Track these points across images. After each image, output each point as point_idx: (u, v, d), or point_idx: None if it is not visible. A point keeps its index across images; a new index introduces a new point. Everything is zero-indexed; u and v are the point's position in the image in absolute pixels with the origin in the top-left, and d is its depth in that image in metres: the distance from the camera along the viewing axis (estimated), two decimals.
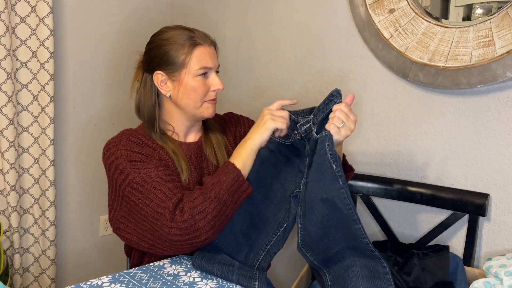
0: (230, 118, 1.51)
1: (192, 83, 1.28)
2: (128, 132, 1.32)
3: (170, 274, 1.16)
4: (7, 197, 1.87)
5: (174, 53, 1.28)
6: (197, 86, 1.29)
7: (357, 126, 1.64)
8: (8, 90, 1.79)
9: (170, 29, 1.33)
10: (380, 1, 1.50)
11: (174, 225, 1.12)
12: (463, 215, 1.39)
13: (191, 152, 1.36)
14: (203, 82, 1.29)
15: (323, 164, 1.10)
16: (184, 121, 1.35)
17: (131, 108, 1.42)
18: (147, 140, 1.30)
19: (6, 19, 1.75)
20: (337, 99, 1.17)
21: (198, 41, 1.29)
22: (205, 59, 1.29)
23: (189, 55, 1.28)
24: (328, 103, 1.19)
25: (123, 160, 1.23)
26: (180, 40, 1.28)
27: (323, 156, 1.10)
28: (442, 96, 1.43)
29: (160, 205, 1.15)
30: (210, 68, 1.30)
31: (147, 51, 1.35)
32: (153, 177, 1.20)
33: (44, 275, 2.03)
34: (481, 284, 1.07)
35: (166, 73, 1.30)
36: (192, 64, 1.28)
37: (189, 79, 1.28)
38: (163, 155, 1.29)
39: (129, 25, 2.21)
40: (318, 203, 1.14)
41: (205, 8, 2.16)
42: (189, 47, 1.28)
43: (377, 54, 1.54)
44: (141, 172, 1.20)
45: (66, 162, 2.10)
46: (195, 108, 1.31)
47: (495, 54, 1.26)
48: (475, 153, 1.38)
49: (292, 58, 1.82)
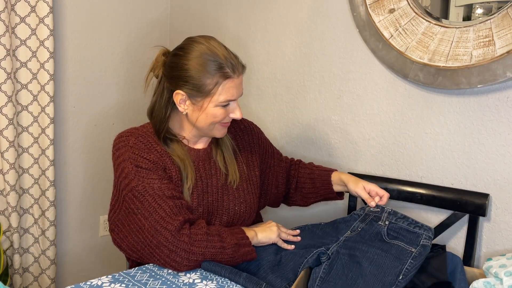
0: (238, 123, 1.49)
1: (213, 111, 1.25)
2: (138, 131, 1.30)
3: (169, 274, 1.16)
4: (7, 197, 1.87)
5: (201, 81, 1.22)
6: (218, 114, 1.26)
7: (357, 126, 1.65)
8: (8, 90, 1.79)
9: (201, 46, 1.24)
10: (380, 1, 1.50)
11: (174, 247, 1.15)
12: (463, 215, 1.38)
13: (199, 158, 1.34)
14: (224, 110, 1.26)
15: (392, 261, 1.16)
16: (195, 133, 1.34)
17: (131, 108, 1.42)
18: (156, 144, 1.28)
19: (6, 19, 1.75)
20: None
21: (229, 74, 1.22)
22: (232, 92, 1.24)
23: (218, 87, 1.22)
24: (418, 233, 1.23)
25: (129, 163, 1.22)
26: (211, 69, 1.21)
27: (396, 262, 1.16)
28: (442, 96, 1.43)
29: (159, 222, 1.16)
30: (235, 99, 1.27)
31: (173, 65, 1.26)
32: (156, 189, 1.20)
33: (44, 275, 2.03)
34: (481, 284, 1.07)
35: (188, 96, 1.24)
36: (217, 95, 1.23)
37: (211, 107, 1.24)
38: (168, 163, 1.27)
39: (129, 25, 2.21)
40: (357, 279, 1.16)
41: (205, 8, 2.16)
42: (219, 78, 1.21)
43: (377, 54, 1.53)
44: (145, 181, 1.20)
45: (66, 162, 2.10)
46: (208, 130, 1.30)
47: (495, 54, 1.26)
48: (475, 153, 1.38)
49: (292, 58, 1.82)
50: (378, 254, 1.19)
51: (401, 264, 1.15)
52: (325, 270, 1.17)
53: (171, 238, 1.14)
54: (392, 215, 1.28)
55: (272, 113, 1.92)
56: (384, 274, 1.14)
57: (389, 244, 1.21)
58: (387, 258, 1.17)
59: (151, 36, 2.28)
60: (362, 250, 1.20)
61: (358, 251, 1.20)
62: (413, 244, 1.20)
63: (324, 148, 1.74)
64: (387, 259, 1.17)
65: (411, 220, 1.25)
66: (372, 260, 1.18)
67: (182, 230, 1.16)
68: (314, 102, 1.76)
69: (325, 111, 1.73)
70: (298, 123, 1.82)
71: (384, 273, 1.15)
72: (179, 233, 1.15)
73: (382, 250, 1.19)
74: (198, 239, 1.16)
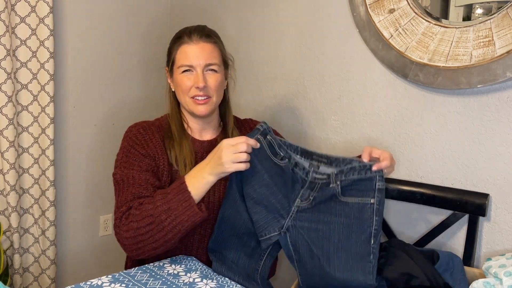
0: (249, 123, 1.52)
1: (179, 79, 1.33)
2: (146, 123, 1.38)
3: (170, 274, 1.16)
4: (7, 197, 1.87)
5: (169, 51, 1.37)
6: (180, 83, 1.33)
7: (357, 126, 1.65)
8: (8, 90, 1.79)
9: None
10: (380, 1, 1.50)
11: (118, 230, 1.20)
12: (463, 215, 1.38)
13: (203, 150, 1.38)
14: (187, 78, 1.32)
15: (357, 233, 1.14)
16: (192, 118, 1.39)
17: (131, 108, 1.43)
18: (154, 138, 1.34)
19: (6, 19, 1.75)
20: (368, 166, 1.15)
21: (185, 40, 1.33)
22: (187, 56, 1.32)
23: (176, 52, 1.34)
24: (358, 164, 1.16)
25: (121, 152, 1.32)
26: (175, 39, 1.36)
27: (363, 226, 1.13)
28: (442, 96, 1.43)
29: (116, 209, 1.23)
30: (192, 65, 1.31)
31: None
32: (130, 179, 1.25)
33: (44, 275, 2.03)
34: (481, 284, 1.07)
35: (169, 69, 1.39)
36: (177, 61, 1.34)
37: (177, 75, 1.34)
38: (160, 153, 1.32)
39: (129, 24, 2.21)
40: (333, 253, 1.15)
41: (205, 7, 2.16)
42: (178, 45, 1.33)
43: (377, 54, 1.53)
44: (125, 171, 1.27)
45: (66, 162, 2.10)
46: (186, 104, 1.35)
47: (495, 54, 1.26)
48: (475, 153, 1.38)
49: (292, 58, 1.82)
50: (342, 223, 1.16)
51: (367, 226, 1.13)
52: (296, 255, 1.20)
53: (116, 229, 1.20)
54: (338, 174, 1.18)
55: (272, 113, 1.92)
56: (356, 245, 1.13)
57: (347, 204, 1.17)
58: (353, 226, 1.15)
59: (151, 35, 2.28)
60: (324, 221, 1.18)
61: (321, 224, 1.18)
62: (369, 193, 1.14)
63: (324, 148, 1.74)
64: (353, 227, 1.15)
65: (356, 165, 1.16)
66: (340, 233, 1.16)
67: (121, 221, 1.19)
68: (314, 102, 1.76)
69: (325, 111, 1.73)
70: (298, 123, 1.82)
71: (356, 243, 1.14)
72: (119, 224, 1.19)
73: (345, 217, 1.16)
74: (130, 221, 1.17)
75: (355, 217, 1.15)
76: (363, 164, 1.15)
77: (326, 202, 1.19)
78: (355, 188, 1.16)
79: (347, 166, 1.17)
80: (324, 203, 1.19)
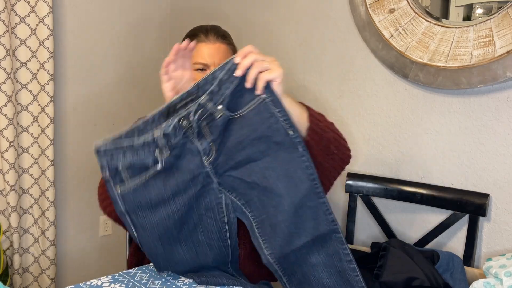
0: None
1: (194, 74, 1.32)
2: None
3: (169, 274, 1.16)
4: (6, 197, 1.86)
5: None
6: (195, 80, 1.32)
7: (358, 126, 1.64)
8: (8, 90, 1.79)
9: None
10: (380, 1, 1.50)
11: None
12: (463, 215, 1.38)
13: None
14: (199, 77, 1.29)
15: (271, 137, 0.98)
16: None
17: (131, 108, 1.42)
18: None
19: (6, 19, 1.75)
20: (230, 65, 0.99)
21: (201, 38, 1.34)
22: (201, 54, 1.33)
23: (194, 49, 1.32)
24: (221, 72, 1.01)
25: None
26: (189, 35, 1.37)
27: (272, 126, 0.98)
28: (442, 96, 1.43)
29: None
30: (207, 64, 1.33)
31: None
32: None
33: (43, 275, 2.03)
34: (481, 285, 1.07)
35: None
36: (194, 58, 1.33)
37: (193, 70, 1.33)
38: None
39: (129, 24, 2.21)
40: (273, 183, 1.00)
41: (205, 8, 2.16)
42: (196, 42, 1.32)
43: (377, 54, 1.53)
44: None
45: (66, 162, 2.10)
46: None
47: (495, 54, 1.26)
48: (475, 153, 1.38)
49: (292, 58, 1.82)
50: (255, 139, 1.01)
51: (274, 122, 0.98)
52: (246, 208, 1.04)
53: None
54: (211, 98, 1.02)
55: None
56: (300, 181, 0.99)
57: (243, 117, 1.02)
58: (264, 131, 1.00)
59: (151, 35, 2.28)
60: (239, 149, 1.03)
61: (240, 155, 1.03)
62: (256, 95, 1.01)
63: None
64: (264, 132, 1.00)
65: (218, 74, 1.01)
66: (259, 147, 1.01)
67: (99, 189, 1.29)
68: (314, 102, 1.76)
69: (325, 111, 1.73)
70: None
71: (296, 182, 0.99)
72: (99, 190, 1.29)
73: (250, 130, 1.01)
74: None
75: (258, 122, 1.00)
76: (222, 67, 1.01)
77: (226, 136, 1.04)
78: (240, 102, 1.02)
79: (211, 83, 1.03)
80: (226, 140, 1.04)
